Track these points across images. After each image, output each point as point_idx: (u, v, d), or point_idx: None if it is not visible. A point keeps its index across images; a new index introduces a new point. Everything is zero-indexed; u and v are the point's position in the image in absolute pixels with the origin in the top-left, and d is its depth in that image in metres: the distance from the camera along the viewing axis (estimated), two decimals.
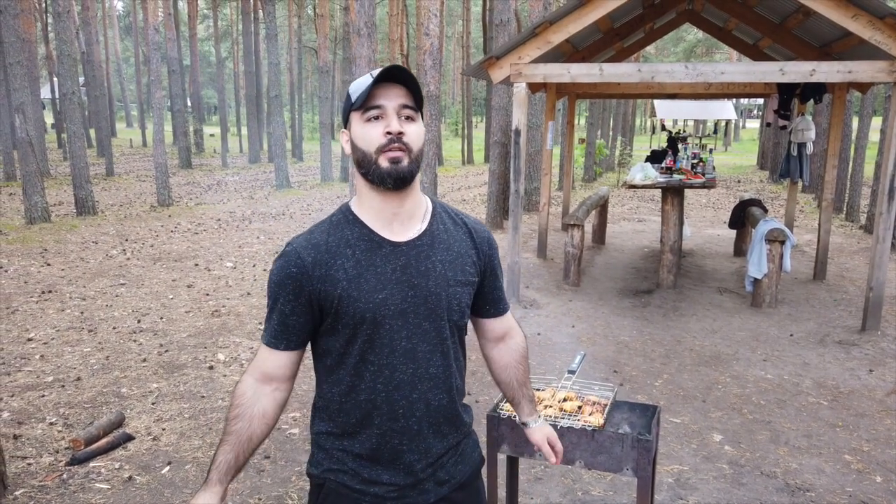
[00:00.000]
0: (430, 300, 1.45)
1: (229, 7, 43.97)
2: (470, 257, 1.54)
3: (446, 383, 1.51)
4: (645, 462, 2.19)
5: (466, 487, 1.61)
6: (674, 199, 7.20)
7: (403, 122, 1.40)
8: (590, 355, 5.24)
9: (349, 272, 1.41)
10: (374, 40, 8.10)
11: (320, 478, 1.53)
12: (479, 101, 47.30)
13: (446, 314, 1.48)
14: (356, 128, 1.42)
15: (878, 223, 5.63)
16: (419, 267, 1.45)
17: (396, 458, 1.48)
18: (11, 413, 4.13)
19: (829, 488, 3.39)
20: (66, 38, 12.52)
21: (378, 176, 1.39)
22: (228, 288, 7.24)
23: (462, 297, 1.51)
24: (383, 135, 1.38)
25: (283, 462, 3.61)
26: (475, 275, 1.55)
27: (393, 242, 1.44)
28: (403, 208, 1.46)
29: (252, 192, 16.85)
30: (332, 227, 1.46)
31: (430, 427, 1.50)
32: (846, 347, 5.53)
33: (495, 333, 1.69)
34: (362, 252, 1.43)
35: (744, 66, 5.92)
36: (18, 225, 10.91)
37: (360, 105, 1.39)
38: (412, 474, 1.49)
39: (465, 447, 1.62)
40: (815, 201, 14.69)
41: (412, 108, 1.41)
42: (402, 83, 1.41)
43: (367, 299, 1.40)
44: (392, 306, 1.42)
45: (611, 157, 23.15)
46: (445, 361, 1.50)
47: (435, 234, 1.50)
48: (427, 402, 1.48)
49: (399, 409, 1.46)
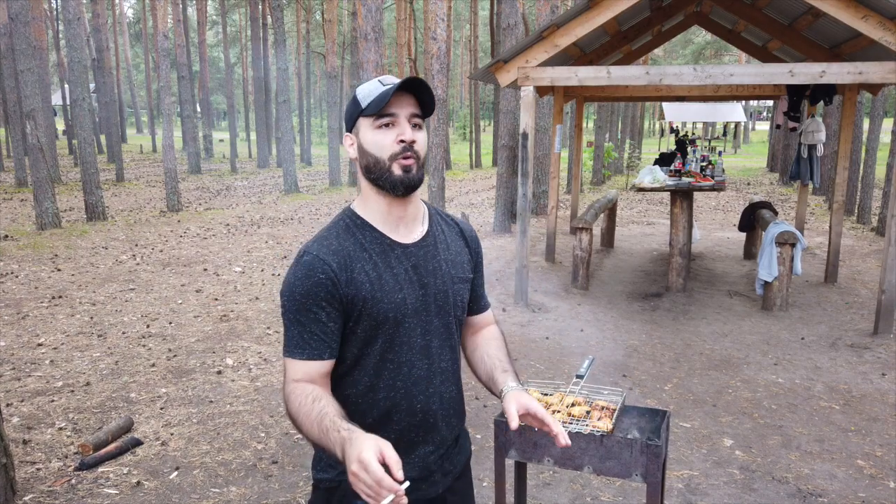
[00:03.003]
0: (440, 298, 1.52)
1: (238, 13, 44.24)
2: (464, 255, 1.62)
3: (455, 376, 1.59)
4: (654, 467, 2.17)
5: (462, 477, 1.67)
6: (683, 202, 7.16)
7: (414, 131, 1.43)
8: (599, 359, 5.21)
9: (370, 274, 1.45)
10: (382, 45, 8.12)
11: (334, 481, 1.51)
12: (487, 104, 47.35)
13: (452, 310, 1.55)
14: (367, 133, 1.44)
15: (890, 225, 5.58)
16: (427, 266, 1.51)
17: (412, 452, 1.52)
18: (21, 418, 4.15)
19: (842, 493, 3.35)
20: (76, 45, 12.62)
21: (390, 183, 1.43)
22: (237, 293, 7.26)
23: (464, 293, 1.60)
24: (396, 142, 1.41)
25: (291, 467, 3.60)
26: (470, 272, 1.63)
27: (402, 244, 1.49)
28: (407, 212, 1.51)
29: (261, 197, 16.91)
30: (343, 231, 1.48)
31: (443, 419, 1.56)
32: (858, 351, 5.48)
33: (475, 327, 1.74)
34: (378, 255, 1.47)
35: (752, 68, 5.88)
36: (29, 230, 10.98)
37: (374, 111, 1.40)
38: (426, 467, 1.54)
39: (464, 438, 1.70)
40: (826, 203, 14.58)
41: (420, 117, 1.45)
42: (414, 92, 1.44)
43: (389, 300, 1.45)
44: (410, 305, 1.47)
45: (619, 160, 23.08)
46: (454, 355, 1.59)
47: (436, 235, 1.57)
48: (441, 396, 1.54)
49: (417, 403, 1.51)
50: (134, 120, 56.35)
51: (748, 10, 7.77)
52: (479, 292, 1.71)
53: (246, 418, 4.20)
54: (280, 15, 17.80)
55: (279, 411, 4.30)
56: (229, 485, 3.43)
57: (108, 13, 34.44)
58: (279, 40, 17.90)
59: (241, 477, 3.50)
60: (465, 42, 46.34)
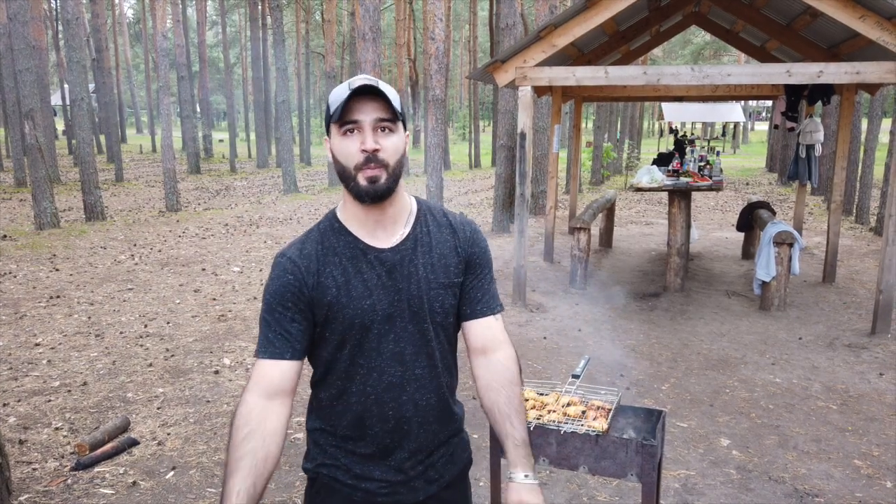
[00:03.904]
0: (414, 303, 1.47)
1: (238, 13, 44.25)
2: (451, 258, 1.52)
3: (433, 383, 1.52)
4: (650, 467, 2.16)
5: (454, 486, 1.63)
6: (681, 202, 7.16)
7: (380, 136, 1.38)
8: (596, 359, 5.20)
9: (338, 279, 1.44)
10: (380, 45, 8.13)
11: (314, 472, 1.56)
12: (486, 104, 47.36)
13: (429, 316, 1.49)
14: (335, 140, 1.41)
15: (888, 225, 5.58)
16: (403, 272, 1.46)
17: (387, 457, 1.51)
18: (18, 418, 4.15)
19: (839, 494, 3.35)
20: (76, 45, 12.62)
21: (356, 193, 1.41)
22: (235, 293, 7.26)
23: (445, 298, 1.51)
24: (360, 152, 1.37)
25: (287, 467, 3.60)
26: (459, 275, 1.53)
27: (377, 249, 1.46)
28: (385, 215, 1.47)
29: (260, 197, 16.91)
30: (321, 235, 1.48)
31: (420, 426, 1.51)
32: (856, 351, 5.48)
33: (475, 342, 1.57)
34: (349, 260, 1.45)
35: (750, 68, 5.88)
36: (28, 230, 10.98)
37: (337, 118, 1.37)
38: (402, 472, 1.52)
39: (455, 447, 1.63)
40: (825, 203, 14.58)
41: (390, 120, 1.38)
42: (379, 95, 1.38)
43: (356, 306, 1.43)
44: (380, 311, 1.44)
45: (618, 160, 23.08)
46: (431, 362, 1.51)
47: (418, 237, 1.50)
48: (415, 403, 1.50)
49: (389, 410, 1.48)
50: (134, 120, 56.33)
51: (746, 10, 7.78)
52: (475, 295, 1.56)
53: None
54: (279, 15, 17.80)
55: None
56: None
57: (107, 13, 34.43)
58: (278, 40, 17.90)
59: None
60: (464, 42, 46.34)
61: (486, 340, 1.57)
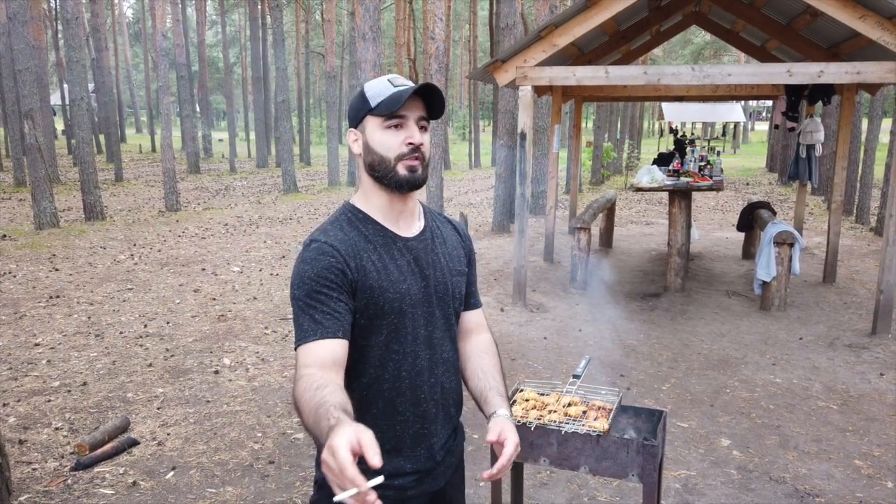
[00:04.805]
0: (440, 289, 1.56)
1: (237, 13, 44.24)
2: (460, 250, 1.66)
3: (455, 366, 1.63)
4: (650, 468, 2.16)
5: (458, 470, 1.71)
6: (681, 202, 7.16)
7: (421, 133, 1.48)
8: (597, 359, 5.20)
9: (376, 264, 1.47)
10: (380, 44, 8.12)
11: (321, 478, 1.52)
12: (486, 104, 47.33)
13: (451, 302, 1.60)
14: (374, 132, 1.47)
15: (889, 225, 5.58)
16: (428, 259, 1.55)
17: (418, 444, 1.54)
18: (17, 418, 4.14)
19: (839, 494, 3.35)
20: (75, 45, 12.61)
21: (396, 182, 1.47)
22: (235, 292, 7.25)
23: (461, 285, 1.64)
24: (404, 144, 1.45)
25: (288, 468, 3.60)
26: (466, 265, 1.67)
27: (403, 238, 1.53)
28: (407, 207, 1.55)
29: (260, 197, 16.90)
30: (347, 223, 1.51)
31: (444, 410, 1.59)
32: (856, 351, 5.47)
33: (467, 326, 1.72)
34: (381, 246, 1.50)
35: (750, 68, 5.88)
36: (27, 230, 10.97)
37: (383, 112, 1.44)
38: (432, 458, 1.56)
39: (460, 430, 1.72)
40: (825, 203, 14.57)
41: (427, 120, 1.50)
42: (423, 96, 1.47)
43: (395, 289, 1.48)
44: (413, 296, 1.51)
45: (618, 159, 23.08)
46: (453, 346, 1.62)
47: (433, 229, 1.61)
48: (442, 386, 1.57)
49: (421, 393, 1.53)
50: (133, 120, 56.30)
51: (746, 10, 7.77)
52: (471, 289, 1.73)
53: (243, 418, 4.19)
54: (279, 15, 17.79)
55: (276, 411, 4.29)
56: (226, 485, 3.42)
57: (107, 13, 34.42)
58: (278, 40, 17.89)
59: (237, 477, 3.50)
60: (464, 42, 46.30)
61: (474, 326, 1.74)
